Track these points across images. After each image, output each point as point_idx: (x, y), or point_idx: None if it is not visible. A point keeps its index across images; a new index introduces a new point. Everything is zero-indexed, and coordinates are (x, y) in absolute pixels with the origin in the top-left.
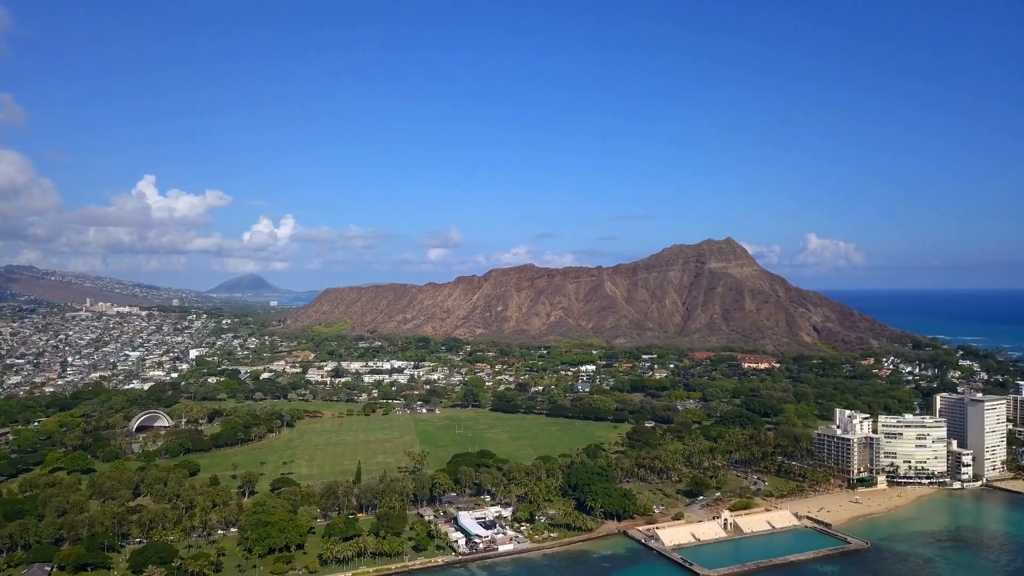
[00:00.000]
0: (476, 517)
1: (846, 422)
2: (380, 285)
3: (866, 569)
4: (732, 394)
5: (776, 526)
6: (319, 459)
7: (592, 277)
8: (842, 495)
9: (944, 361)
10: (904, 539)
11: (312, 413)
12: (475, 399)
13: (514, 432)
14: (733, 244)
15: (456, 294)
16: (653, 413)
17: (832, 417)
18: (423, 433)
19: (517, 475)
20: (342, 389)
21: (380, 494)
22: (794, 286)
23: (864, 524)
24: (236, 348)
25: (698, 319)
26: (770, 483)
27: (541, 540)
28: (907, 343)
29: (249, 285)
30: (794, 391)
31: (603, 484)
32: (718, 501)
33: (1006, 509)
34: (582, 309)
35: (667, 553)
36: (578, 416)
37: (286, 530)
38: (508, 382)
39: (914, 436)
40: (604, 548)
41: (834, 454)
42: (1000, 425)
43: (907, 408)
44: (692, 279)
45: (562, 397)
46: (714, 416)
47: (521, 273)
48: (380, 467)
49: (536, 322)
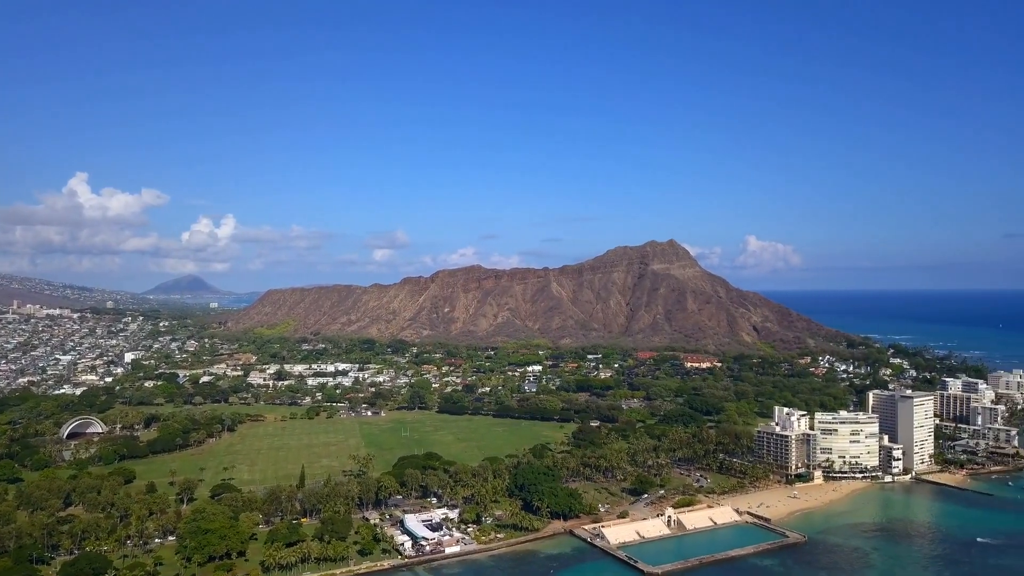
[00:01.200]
0: (423, 519)
1: (784, 419)
2: (324, 286)
3: (803, 562)
4: (675, 393)
5: (718, 522)
6: (261, 464)
7: (539, 278)
8: (781, 490)
9: (876, 359)
10: (839, 532)
11: (254, 417)
12: (421, 401)
13: (461, 434)
14: (676, 246)
15: (402, 295)
16: (598, 412)
17: (771, 415)
18: (368, 436)
19: (464, 477)
20: (285, 392)
21: (324, 498)
22: (735, 287)
23: (802, 518)
24: (174, 351)
25: (642, 319)
26: (712, 480)
27: (488, 541)
28: (842, 342)
29: (188, 286)
30: (735, 390)
31: (549, 484)
32: (662, 499)
33: (933, 501)
34: (529, 310)
35: (612, 551)
36: (525, 416)
37: (227, 537)
38: (455, 384)
39: (848, 432)
40: (550, 548)
41: (773, 451)
42: (928, 420)
43: (842, 405)
44: (636, 280)
45: (509, 398)
46: (658, 415)
47: (468, 274)
48: (324, 471)
49: (483, 323)
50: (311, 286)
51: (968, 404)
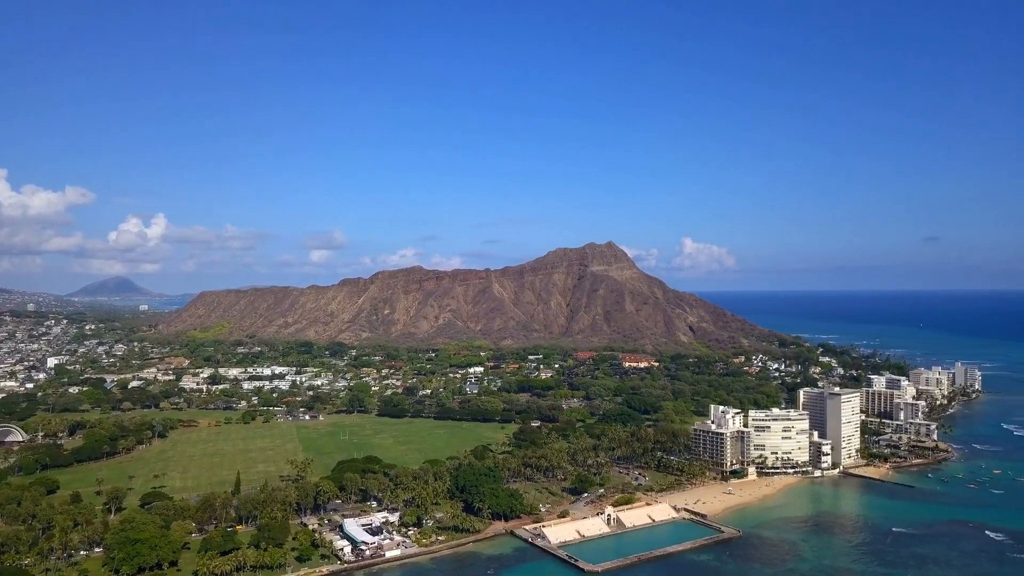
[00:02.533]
0: (362, 524)
1: (720, 417)
2: (260, 288)
3: (738, 556)
4: (614, 392)
5: (656, 519)
6: (194, 471)
7: (480, 279)
8: (717, 487)
9: (806, 358)
10: (772, 526)
11: (187, 423)
12: (361, 404)
13: (401, 436)
14: (614, 248)
15: (340, 297)
16: (539, 413)
17: (707, 413)
18: (306, 440)
19: (404, 479)
20: (219, 397)
21: (261, 504)
22: (671, 288)
23: (736, 513)
24: (101, 355)
25: (581, 320)
26: (650, 478)
27: (429, 544)
28: (774, 342)
29: (116, 288)
30: (672, 389)
31: (490, 485)
32: (602, 497)
33: (859, 493)
34: (471, 311)
35: (553, 551)
36: (466, 418)
37: (157, 547)
38: (395, 386)
39: (780, 429)
40: (492, 549)
41: (709, 448)
42: (855, 416)
43: (774, 403)
44: (576, 281)
45: (450, 400)
46: (597, 414)
47: (409, 275)
48: (261, 477)
49: (424, 325)
50: (246, 287)
51: (891, 400)
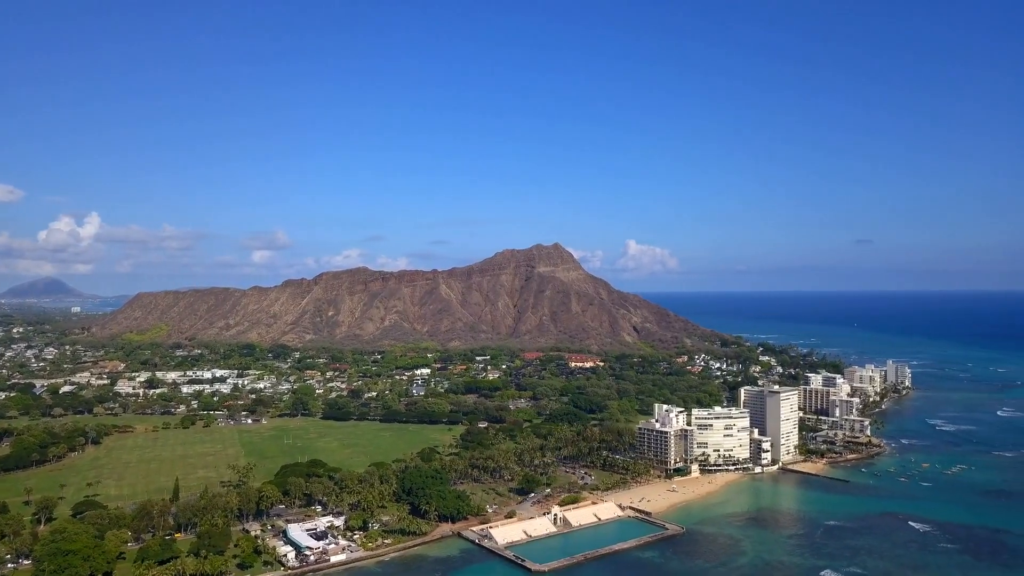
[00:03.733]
0: (306, 529)
1: (664, 416)
2: (200, 289)
3: (682, 552)
4: (560, 392)
5: (602, 518)
6: (130, 478)
7: (428, 280)
8: (661, 485)
9: (747, 357)
10: (714, 522)
11: (122, 428)
12: (305, 407)
13: (346, 439)
14: (560, 249)
15: (284, 298)
16: (486, 414)
17: (651, 412)
18: (248, 445)
19: (350, 483)
20: (157, 401)
21: (201, 511)
22: (616, 289)
23: (680, 510)
24: (30, 359)
25: (529, 321)
26: (596, 477)
27: (375, 547)
28: (716, 341)
29: (45, 289)
30: (617, 388)
31: (437, 487)
32: (548, 497)
33: (797, 488)
34: (417, 313)
35: (500, 551)
36: (413, 420)
37: (91, 558)
38: (340, 389)
39: (722, 427)
40: (439, 551)
41: (653, 446)
42: (793, 414)
43: (716, 401)
44: (523, 282)
45: (396, 402)
46: (544, 414)
47: (354, 276)
48: (201, 483)
49: (370, 326)
50: (185, 289)
51: (828, 397)
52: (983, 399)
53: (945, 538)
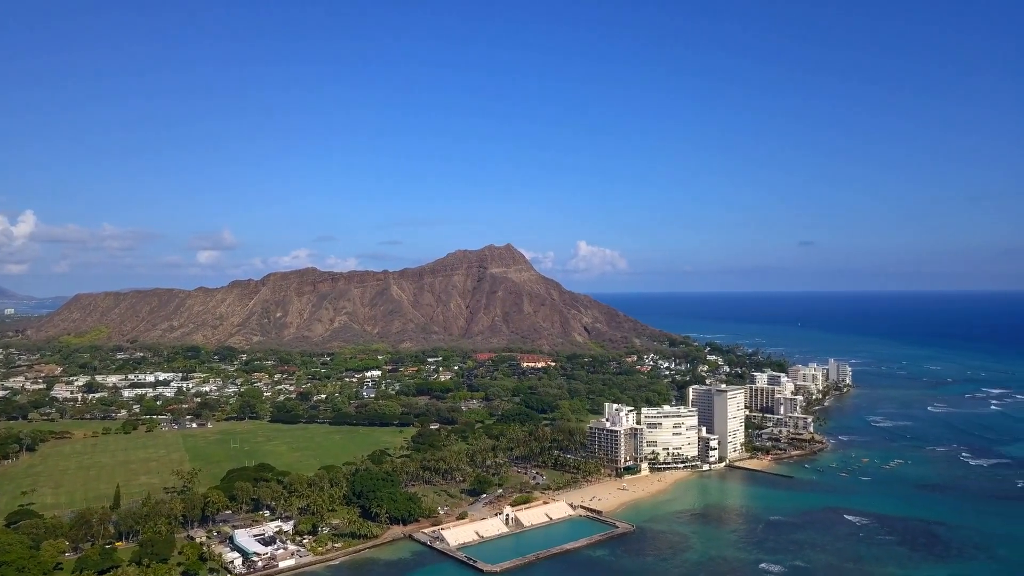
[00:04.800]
0: (254, 534)
1: (614, 415)
2: (142, 290)
3: (632, 550)
4: (512, 393)
5: (553, 517)
6: (68, 485)
7: (378, 281)
8: (611, 483)
9: (695, 356)
10: (663, 520)
11: (59, 434)
12: (252, 411)
13: (295, 443)
14: (513, 250)
15: (230, 299)
16: (438, 415)
17: (602, 411)
18: (193, 449)
19: (299, 487)
20: (97, 406)
21: (143, 518)
22: (567, 290)
23: (630, 509)
24: None
25: (481, 321)
26: (548, 476)
27: (324, 552)
28: (664, 341)
29: None
30: (568, 388)
31: (388, 489)
32: (500, 498)
33: (744, 485)
34: (368, 314)
35: (452, 553)
36: (363, 423)
37: (25, 569)
38: (288, 391)
39: (671, 426)
40: (390, 554)
41: (604, 445)
42: (740, 412)
43: (665, 400)
44: (475, 283)
45: (346, 404)
46: (496, 415)
47: (302, 277)
48: (143, 489)
49: (319, 328)
50: (127, 290)
51: (773, 396)
52: (917, 396)
53: (883, 531)
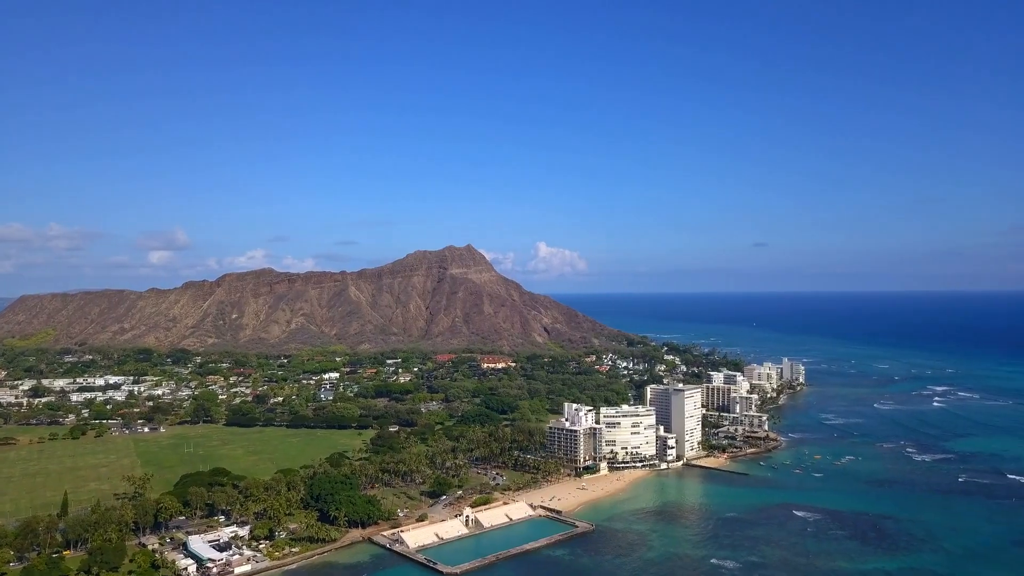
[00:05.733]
0: (209, 540)
1: (573, 415)
2: (91, 291)
3: (591, 550)
4: (473, 394)
5: (513, 518)
6: (13, 493)
7: (336, 282)
8: (571, 483)
9: (652, 356)
10: (622, 518)
11: (3, 440)
12: (207, 414)
13: (252, 447)
14: (473, 251)
15: (184, 301)
16: (397, 417)
17: (561, 411)
18: (145, 454)
19: (255, 491)
20: (43, 411)
21: (92, 526)
22: (527, 291)
23: (589, 508)
24: None
25: (441, 322)
26: (508, 477)
27: (282, 556)
28: (622, 341)
29: None
30: (528, 388)
31: (347, 492)
32: (460, 499)
33: (701, 483)
34: (325, 315)
35: (411, 555)
36: (321, 425)
37: None
38: (244, 394)
39: (630, 425)
40: (348, 557)
41: (563, 445)
42: (697, 411)
43: (623, 399)
44: (435, 284)
45: (304, 407)
46: (456, 416)
47: (259, 278)
48: (93, 496)
49: (276, 330)
50: (75, 291)
51: (729, 395)
52: (866, 394)
53: (835, 525)
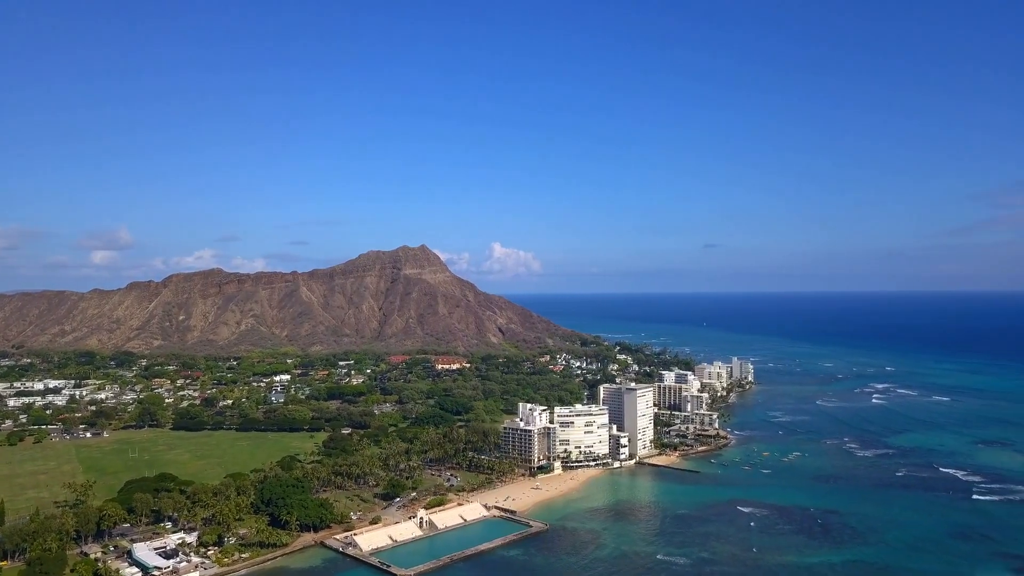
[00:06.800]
0: (155, 547)
1: (527, 415)
2: (30, 292)
3: (545, 549)
4: (427, 395)
5: (468, 519)
6: None
7: (287, 283)
8: (525, 483)
9: (605, 356)
10: (576, 517)
11: None
12: (153, 418)
13: (200, 451)
14: (427, 251)
15: (128, 302)
16: (350, 419)
17: (516, 411)
18: (88, 461)
19: (203, 496)
20: None
21: (31, 535)
22: (482, 291)
23: (543, 508)
24: None
25: (395, 323)
26: (462, 478)
27: (231, 563)
28: (576, 341)
29: None
30: (483, 389)
31: (299, 496)
32: (414, 501)
33: (653, 481)
34: (276, 316)
35: (365, 558)
36: (272, 428)
37: None
38: (192, 397)
39: (583, 424)
40: (300, 562)
41: (518, 445)
42: (649, 410)
43: (577, 399)
44: (389, 284)
45: (254, 410)
46: (410, 418)
47: (207, 278)
48: (31, 504)
49: (225, 331)
50: (12, 292)
51: (680, 393)
52: (812, 392)
53: (782, 520)
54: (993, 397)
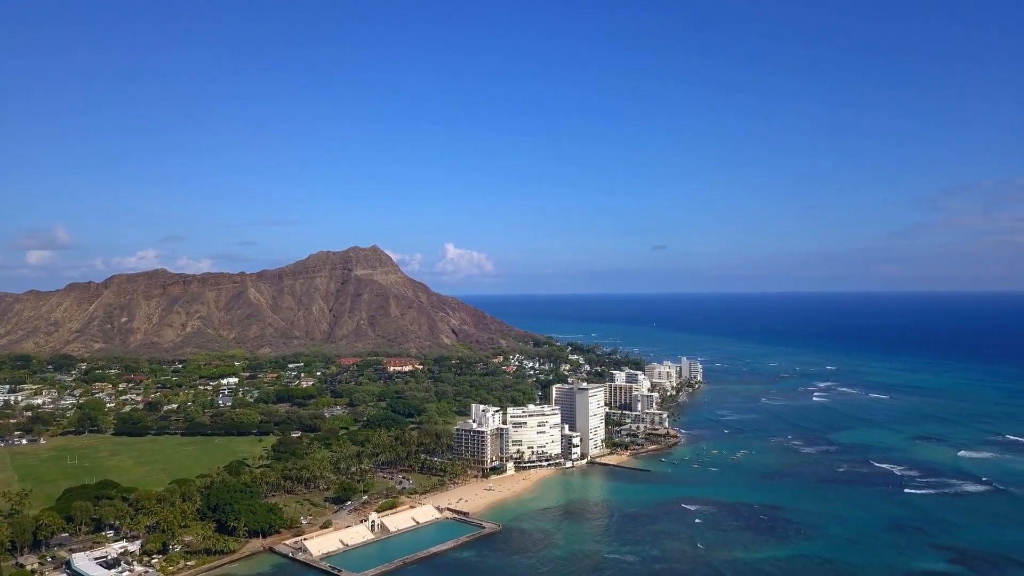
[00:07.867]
0: (95, 557)
1: (480, 416)
2: None
3: (498, 550)
4: (378, 397)
5: (420, 521)
6: None
7: (234, 284)
8: (478, 484)
9: (557, 356)
10: (529, 518)
11: None
12: (93, 424)
13: (143, 457)
14: (379, 252)
15: (67, 304)
16: (300, 422)
17: (469, 412)
18: (24, 468)
19: (147, 503)
20: None
21: None
22: (435, 292)
23: (496, 509)
24: None
25: (345, 325)
26: (415, 480)
27: (176, 571)
28: (529, 342)
29: None
30: (435, 390)
31: (247, 501)
32: (366, 504)
33: (604, 480)
34: (223, 318)
35: (315, 563)
36: (219, 432)
37: None
38: (135, 402)
39: (536, 424)
40: (248, 569)
41: (471, 447)
42: (600, 409)
43: (530, 399)
44: (339, 286)
45: (200, 414)
46: (361, 420)
47: (151, 279)
48: None
49: (170, 333)
50: None
51: (631, 393)
52: (758, 390)
53: (730, 517)
54: (929, 395)
